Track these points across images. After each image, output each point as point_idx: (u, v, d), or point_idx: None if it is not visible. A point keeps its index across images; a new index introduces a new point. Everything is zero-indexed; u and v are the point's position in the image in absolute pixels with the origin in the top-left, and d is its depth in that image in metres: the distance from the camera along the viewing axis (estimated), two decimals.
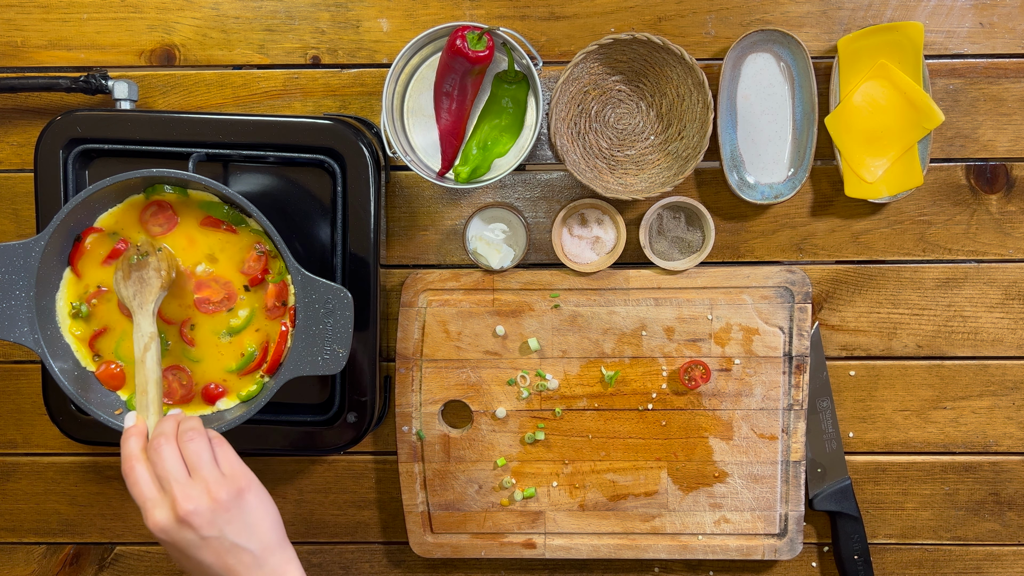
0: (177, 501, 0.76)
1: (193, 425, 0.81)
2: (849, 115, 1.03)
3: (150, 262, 0.90)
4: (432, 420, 1.08)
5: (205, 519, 0.76)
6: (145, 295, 0.88)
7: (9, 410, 1.13)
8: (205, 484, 0.78)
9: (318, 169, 1.00)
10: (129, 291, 0.88)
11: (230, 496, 0.78)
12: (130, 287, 0.89)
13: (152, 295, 0.88)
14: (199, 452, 0.79)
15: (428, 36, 0.99)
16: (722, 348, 1.06)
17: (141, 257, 0.90)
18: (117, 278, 0.89)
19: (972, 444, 1.10)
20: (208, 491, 0.77)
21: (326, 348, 0.88)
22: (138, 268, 0.89)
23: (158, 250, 0.91)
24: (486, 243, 1.05)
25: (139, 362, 0.86)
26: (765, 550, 1.08)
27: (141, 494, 0.78)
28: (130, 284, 0.89)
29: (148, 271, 0.89)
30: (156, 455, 0.79)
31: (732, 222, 1.08)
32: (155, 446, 0.79)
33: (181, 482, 0.77)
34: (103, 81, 1.03)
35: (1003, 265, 1.08)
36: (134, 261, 0.89)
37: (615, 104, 1.06)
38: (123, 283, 0.89)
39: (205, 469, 0.78)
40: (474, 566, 1.13)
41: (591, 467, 1.08)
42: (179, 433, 0.80)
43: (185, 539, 0.77)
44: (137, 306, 0.88)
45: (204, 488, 0.77)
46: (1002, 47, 1.05)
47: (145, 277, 0.89)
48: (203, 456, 0.79)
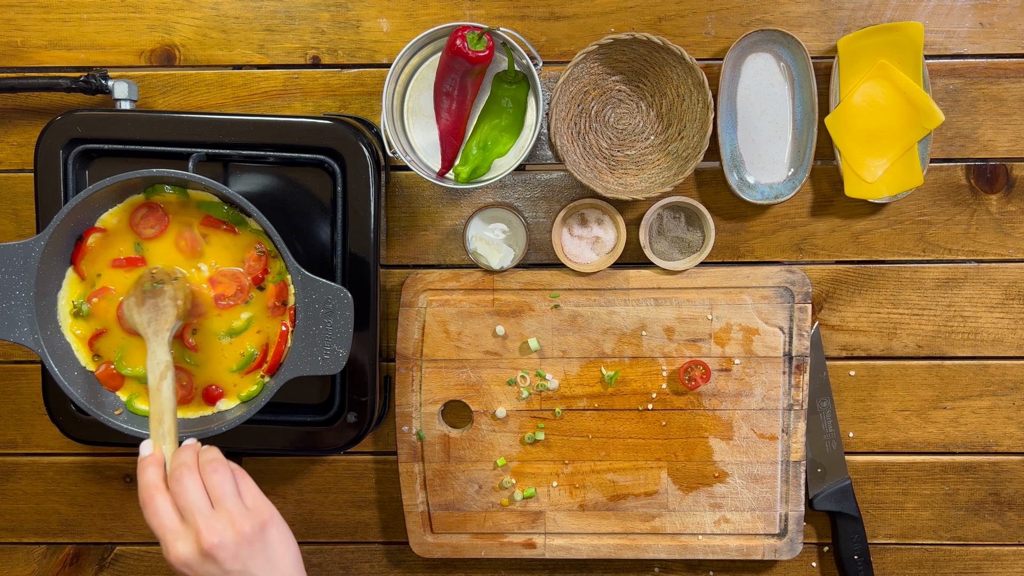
0: (201, 534, 0.74)
1: (215, 456, 0.79)
2: (849, 115, 1.03)
3: (166, 291, 0.88)
4: (432, 420, 1.08)
5: (230, 552, 0.75)
6: (160, 323, 0.87)
7: (9, 410, 1.13)
8: (229, 516, 0.76)
9: (318, 169, 1.00)
10: (143, 318, 0.87)
11: (254, 529, 0.76)
12: (144, 314, 0.87)
13: (168, 324, 0.87)
14: (223, 483, 0.77)
15: (428, 36, 0.99)
16: (722, 348, 1.06)
17: (156, 285, 0.89)
18: (130, 304, 0.88)
19: (972, 444, 1.10)
20: (233, 524, 0.75)
21: (326, 348, 0.87)
22: (153, 295, 0.88)
23: (174, 279, 0.90)
24: (486, 243, 1.05)
25: (155, 390, 0.84)
26: (765, 550, 1.08)
27: (162, 525, 0.76)
28: (144, 311, 0.87)
29: (164, 299, 0.88)
30: (178, 485, 0.77)
31: (732, 222, 1.08)
32: (177, 476, 0.77)
33: (205, 514, 0.75)
34: (103, 81, 1.03)
35: (1003, 265, 1.08)
36: (148, 288, 0.88)
37: (615, 104, 1.06)
38: (136, 309, 0.87)
39: (229, 501, 0.77)
40: (474, 566, 1.13)
41: (591, 467, 1.08)
42: (200, 464, 0.79)
43: (208, 573, 0.75)
44: (152, 333, 0.86)
45: (228, 521, 0.75)
46: (1002, 47, 1.05)
47: (160, 305, 0.88)
48: (227, 488, 0.77)
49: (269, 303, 0.93)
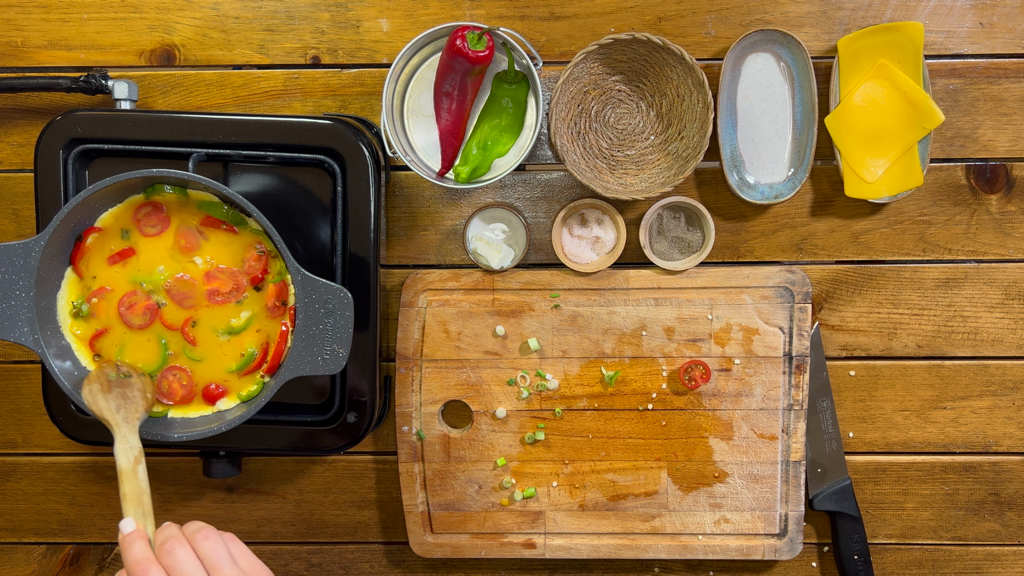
0: None
1: (202, 525, 0.78)
2: (849, 115, 1.03)
3: (133, 382, 0.89)
4: (432, 420, 1.08)
5: None
6: (130, 411, 0.87)
7: (9, 410, 1.13)
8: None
9: (318, 169, 1.00)
10: (111, 404, 0.87)
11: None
12: (111, 401, 0.87)
13: (137, 414, 0.88)
14: (216, 550, 0.75)
15: (428, 36, 0.99)
16: (722, 348, 1.06)
17: (124, 376, 0.89)
18: (93, 390, 0.88)
19: (972, 444, 1.10)
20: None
21: (326, 348, 0.87)
22: (120, 385, 0.89)
23: (141, 375, 0.91)
24: (486, 243, 1.05)
25: (130, 472, 0.83)
26: (765, 550, 1.08)
27: None
28: (111, 398, 0.87)
29: (132, 390, 0.89)
30: (171, 558, 0.74)
31: (732, 222, 1.08)
32: (168, 549, 0.75)
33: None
34: (103, 81, 1.03)
35: (1003, 265, 1.08)
36: (114, 378, 0.89)
37: (615, 104, 1.06)
38: (101, 395, 0.87)
39: (226, 568, 0.75)
40: (474, 566, 1.13)
41: (591, 467, 1.08)
42: (188, 535, 0.77)
43: None
44: (123, 420, 0.87)
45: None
46: (1002, 47, 1.05)
47: (129, 395, 0.88)
48: (221, 554, 0.75)
49: (269, 303, 0.93)
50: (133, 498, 0.82)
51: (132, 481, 0.83)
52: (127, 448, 0.85)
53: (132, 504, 0.82)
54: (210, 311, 0.93)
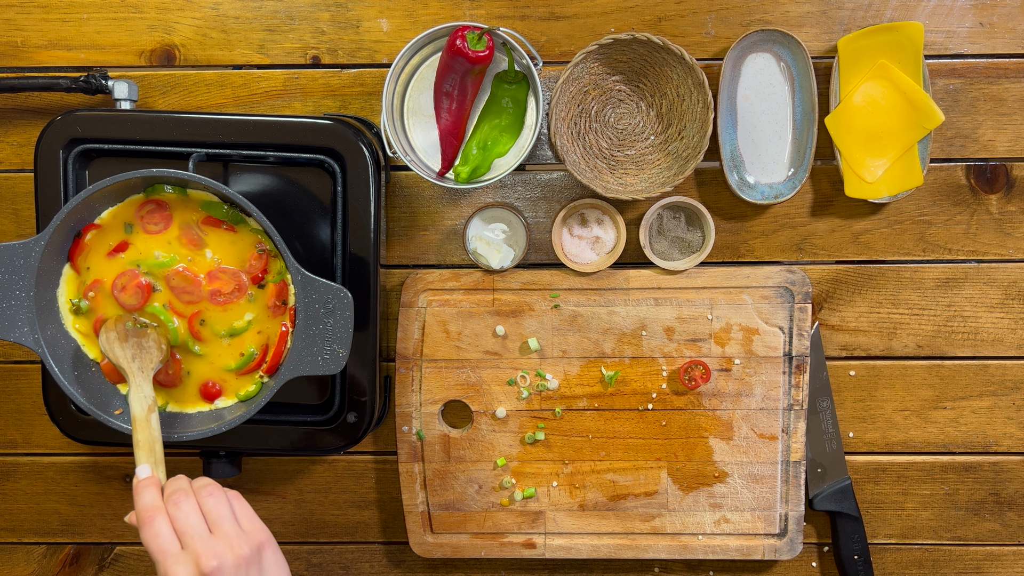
0: (201, 558, 0.75)
1: (209, 481, 0.81)
2: (849, 115, 1.03)
3: (150, 333, 0.90)
4: (432, 420, 1.08)
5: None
6: (145, 361, 0.89)
7: (9, 410, 1.13)
8: (228, 540, 0.77)
9: (318, 169, 1.00)
10: (127, 353, 0.88)
11: (252, 552, 0.77)
12: (127, 350, 0.89)
13: (152, 363, 0.89)
14: (219, 507, 0.78)
15: (428, 36, 0.99)
16: (722, 348, 1.06)
17: (140, 326, 0.90)
18: (110, 337, 0.89)
19: (972, 444, 1.10)
20: (231, 547, 0.76)
21: (326, 348, 0.88)
22: (136, 335, 0.90)
23: (155, 326, 0.91)
24: (486, 243, 1.05)
25: (143, 420, 0.85)
26: (765, 550, 1.08)
27: (161, 548, 0.76)
28: (127, 347, 0.89)
29: (148, 340, 0.90)
30: (177, 509, 0.78)
31: (732, 222, 1.08)
32: (175, 500, 0.78)
33: (204, 538, 0.76)
34: (103, 81, 1.03)
35: (1003, 265, 1.08)
36: (131, 327, 0.90)
37: (615, 104, 1.06)
38: (118, 343, 0.89)
39: (227, 524, 0.78)
40: (474, 566, 1.13)
41: (591, 467, 1.08)
42: (195, 489, 0.80)
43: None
44: (138, 369, 0.88)
45: (227, 544, 0.76)
46: (1002, 47, 1.05)
47: (145, 345, 0.90)
48: (223, 511, 0.78)
49: (269, 303, 0.93)
50: (146, 445, 0.84)
51: (145, 429, 0.85)
52: (141, 397, 0.86)
53: (145, 451, 0.84)
54: (212, 311, 0.93)
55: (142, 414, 0.85)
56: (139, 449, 0.84)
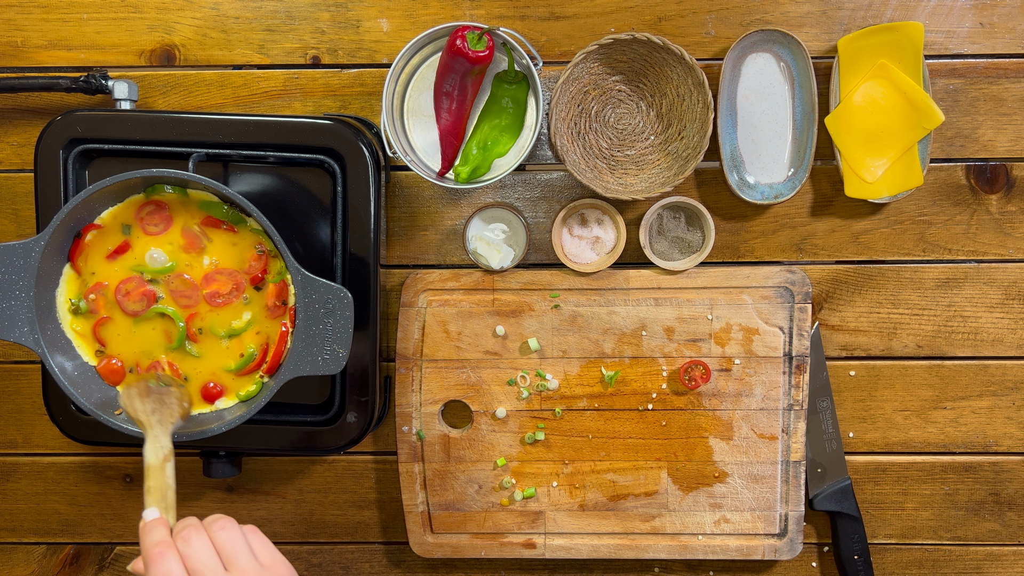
0: None
1: (220, 516, 0.75)
2: (849, 115, 1.03)
3: (172, 391, 0.90)
4: (432, 420, 1.08)
5: None
6: (165, 415, 0.87)
7: (9, 410, 1.13)
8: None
9: (318, 169, 1.00)
10: (147, 407, 0.87)
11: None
12: (147, 404, 0.88)
13: (172, 419, 0.88)
14: (234, 541, 0.73)
15: (428, 36, 0.99)
16: (722, 348, 1.06)
17: (163, 385, 0.90)
18: (131, 393, 0.88)
19: (972, 444, 1.10)
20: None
21: (326, 348, 0.87)
22: (159, 393, 0.89)
23: (180, 385, 0.91)
24: (486, 243, 1.05)
25: (157, 468, 0.82)
26: (765, 550, 1.08)
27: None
28: (148, 402, 0.88)
29: (170, 398, 0.89)
30: (187, 546, 0.71)
31: (732, 222, 1.08)
32: (185, 536, 0.72)
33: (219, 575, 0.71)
34: (103, 81, 1.03)
35: (1003, 265, 1.08)
36: (154, 385, 0.89)
37: (615, 104, 1.06)
38: (138, 399, 0.88)
39: (243, 560, 0.72)
40: (474, 566, 1.13)
41: (591, 467, 1.08)
42: (206, 524, 0.74)
43: None
44: (157, 422, 0.86)
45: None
46: (1002, 47, 1.05)
47: (166, 401, 0.89)
48: (239, 546, 0.72)
49: (269, 303, 0.93)
50: (157, 492, 0.80)
51: (159, 476, 0.82)
52: (158, 447, 0.84)
53: (156, 497, 0.80)
54: (211, 313, 0.93)
55: (156, 463, 0.83)
56: (149, 495, 0.80)
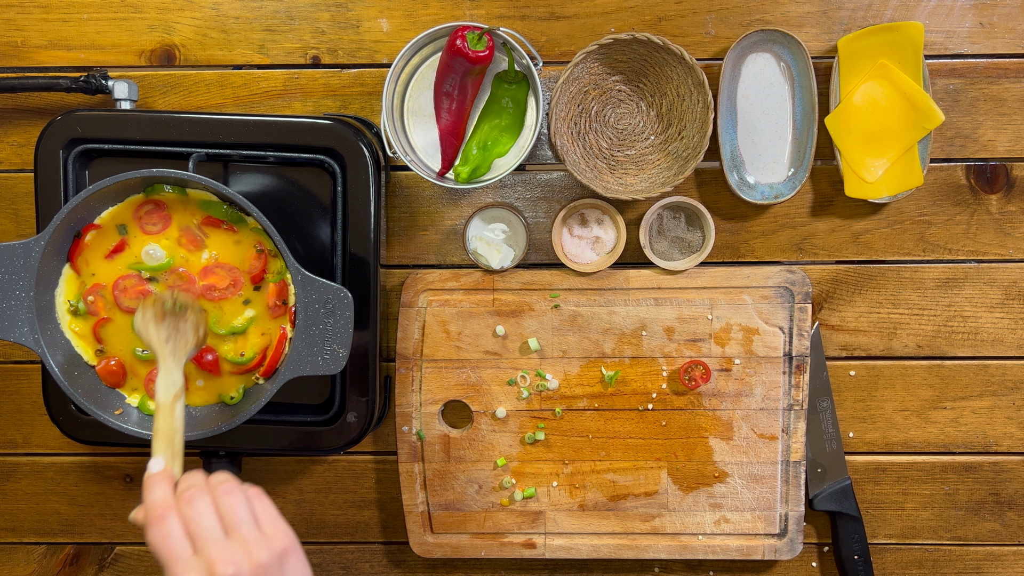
0: (215, 564, 0.66)
1: (226, 478, 0.73)
2: (849, 115, 1.03)
3: (188, 316, 0.86)
4: (432, 420, 1.08)
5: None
6: (179, 345, 0.85)
7: (9, 410, 1.13)
8: (245, 545, 0.68)
9: (318, 169, 1.00)
10: (161, 335, 0.84)
11: (271, 559, 0.68)
12: (162, 331, 0.84)
13: (186, 348, 0.85)
14: (237, 508, 0.70)
15: (428, 36, 0.99)
16: (722, 348, 1.06)
17: (179, 308, 0.86)
18: (146, 316, 0.85)
19: (972, 444, 1.10)
20: (249, 554, 0.68)
21: (326, 348, 0.88)
22: (174, 316, 0.86)
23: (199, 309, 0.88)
24: (486, 243, 1.05)
25: (166, 408, 0.80)
26: (765, 550, 1.08)
27: (171, 552, 0.68)
28: (163, 329, 0.85)
29: (186, 324, 0.86)
30: (190, 508, 0.69)
31: (732, 222, 1.08)
32: (188, 498, 0.70)
33: (219, 542, 0.68)
34: (103, 81, 1.03)
35: (1003, 265, 1.08)
36: (169, 308, 0.86)
37: (615, 104, 1.06)
38: (153, 324, 0.85)
39: (245, 528, 0.69)
40: (474, 566, 1.13)
41: (591, 467, 1.08)
42: (211, 486, 0.72)
43: None
44: (170, 353, 0.84)
45: (245, 550, 0.68)
46: (1002, 47, 1.05)
47: (182, 328, 0.86)
48: (242, 512, 0.70)
49: (269, 303, 0.93)
50: (164, 435, 0.78)
51: (168, 417, 0.79)
52: (169, 382, 0.81)
53: (163, 441, 0.78)
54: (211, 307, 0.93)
55: (167, 401, 0.80)
56: (157, 438, 0.78)
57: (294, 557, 0.71)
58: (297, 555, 0.71)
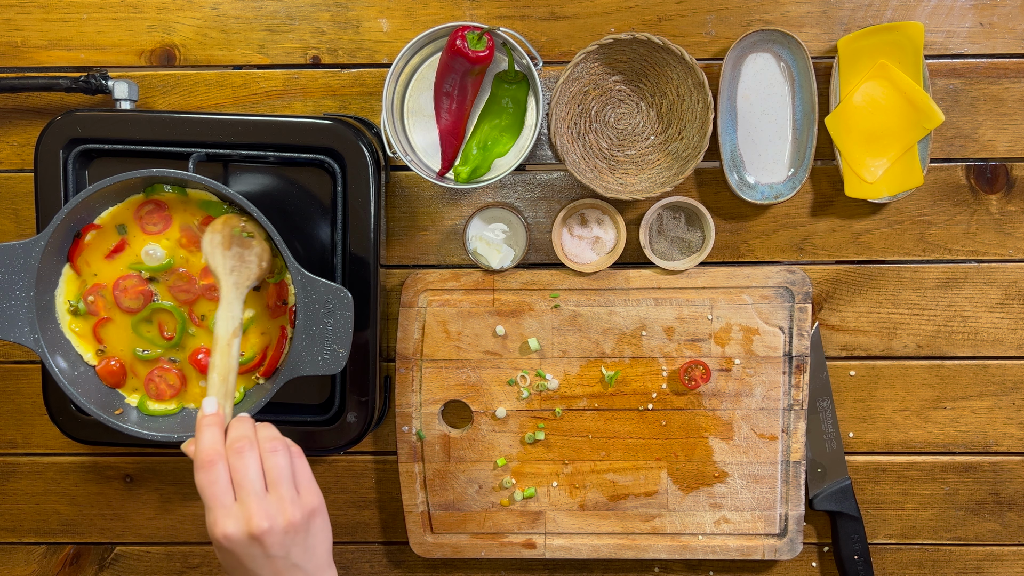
0: (253, 517, 0.73)
1: (275, 434, 0.78)
2: (849, 115, 1.03)
3: (254, 245, 0.84)
4: (432, 420, 1.08)
5: (277, 539, 0.74)
6: (243, 276, 0.83)
7: (9, 410, 1.13)
8: (282, 503, 0.75)
9: (318, 169, 1.00)
10: (227, 263, 0.82)
11: (303, 518, 0.76)
12: (228, 260, 0.82)
13: (249, 280, 0.83)
14: (281, 467, 0.76)
15: (428, 36, 0.99)
16: (722, 348, 1.06)
17: (248, 235, 0.84)
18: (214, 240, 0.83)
19: (972, 444, 1.10)
20: (284, 511, 0.75)
21: (326, 348, 0.87)
22: (240, 245, 0.83)
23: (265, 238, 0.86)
24: (486, 243, 1.05)
25: (225, 345, 0.79)
26: (765, 550, 1.08)
27: (214, 496, 0.74)
28: (229, 257, 0.82)
29: (251, 254, 0.84)
30: (239, 460, 0.75)
31: (732, 222, 1.08)
32: (238, 448, 0.75)
33: (259, 496, 0.74)
34: (103, 81, 1.03)
35: (1003, 265, 1.08)
36: (237, 233, 0.83)
37: (615, 104, 1.06)
38: (220, 250, 0.83)
39: (284, 487, 0.76)
40: (474, 566, 1.13)
41: (591, 467, 1.08)
42: (259, 439, 0.77)
43: (250, 554, 0.74)
44: (233, 284, 0.82)
45: (281, 508, 0.75)
46: (1002, 47, 1.05)
47: (247, 258, 0.83)
48: (284, 473, 0.76)
49: (269, 303, 0.93)
50: (221, 373, 0.78)
51: (226, 354, 0.79)
52: (229, 317, 0.80)
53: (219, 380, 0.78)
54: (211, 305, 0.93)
55: (226, 336, 0.79)
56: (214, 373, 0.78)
57: (320, 517, 0.77)
58: (323, 515, 0.78)
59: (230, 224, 0.85)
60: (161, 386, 0.93)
